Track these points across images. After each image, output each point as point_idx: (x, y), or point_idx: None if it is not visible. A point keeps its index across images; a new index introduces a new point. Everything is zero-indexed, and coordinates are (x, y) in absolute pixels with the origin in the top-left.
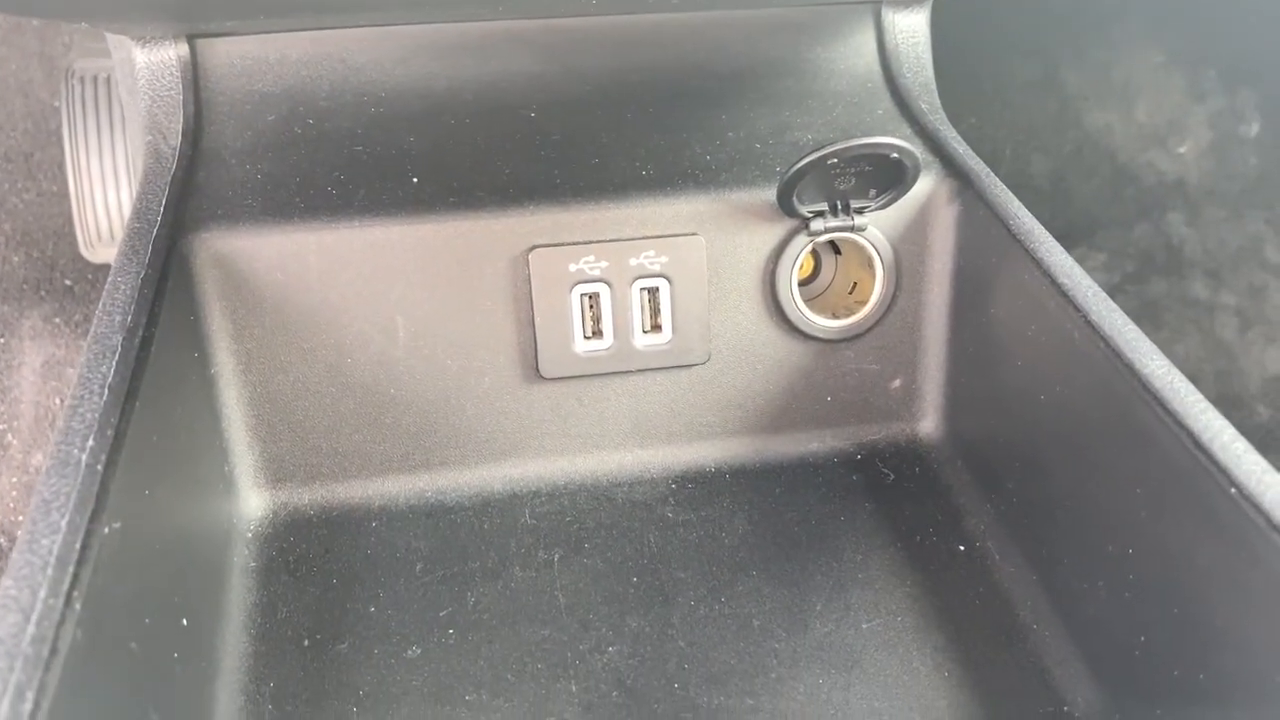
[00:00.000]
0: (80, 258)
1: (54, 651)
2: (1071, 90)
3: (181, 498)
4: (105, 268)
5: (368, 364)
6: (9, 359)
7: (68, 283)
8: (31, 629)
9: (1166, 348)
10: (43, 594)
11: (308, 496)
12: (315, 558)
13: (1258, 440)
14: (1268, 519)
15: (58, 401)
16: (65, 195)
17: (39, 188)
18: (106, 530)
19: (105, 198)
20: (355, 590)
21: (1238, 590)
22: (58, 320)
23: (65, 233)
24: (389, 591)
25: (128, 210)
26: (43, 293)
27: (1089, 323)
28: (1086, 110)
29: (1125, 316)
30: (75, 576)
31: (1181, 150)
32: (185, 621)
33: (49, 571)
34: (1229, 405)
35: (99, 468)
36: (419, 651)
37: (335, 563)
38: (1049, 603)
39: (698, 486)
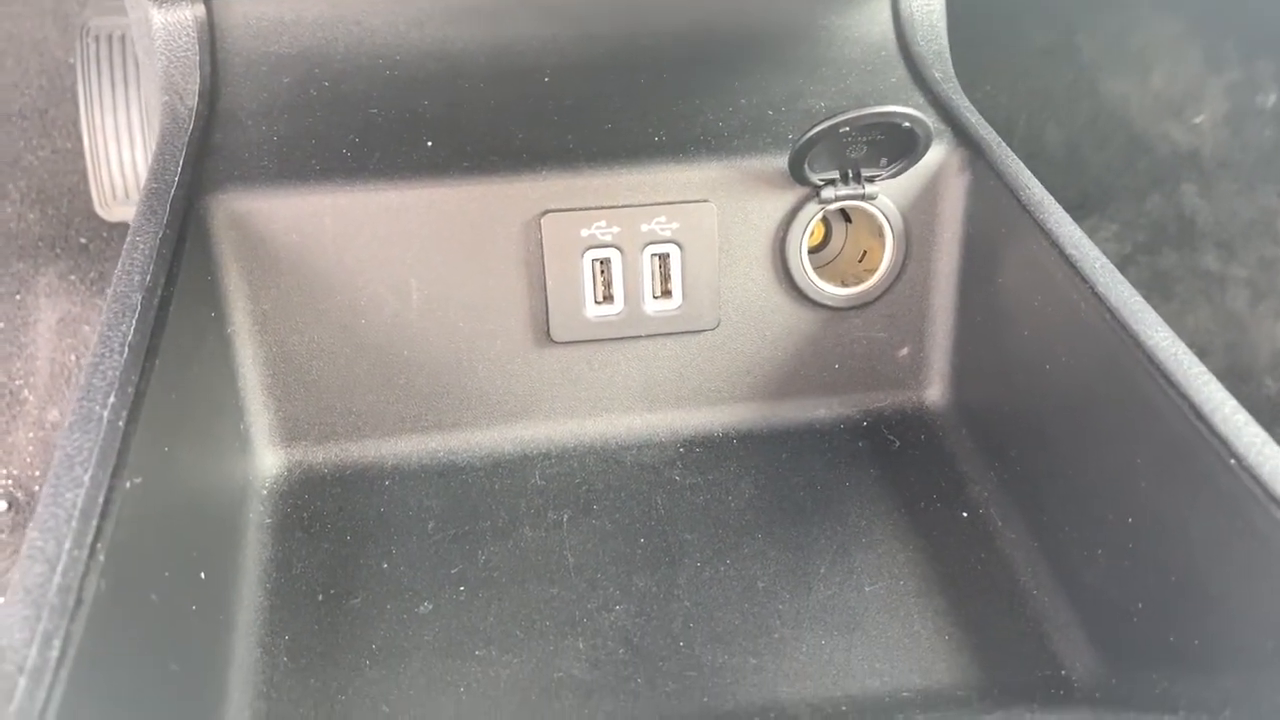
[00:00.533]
0: (95, 215)
1: (79, 602)
2: (1087, 59)
3: (199, 454)
4: (120, 226)
5: (381, 325)
6: (25, 315)
7: (83, 240)
8: (57, 579)
9: (1177, 319)
10: (67, 545)
11: (322, 455)
12: (329, 515)
13: (1266, 413)
14: (1266, 490)
15: (73, 358)
16: (80, 153)
17: (53, 145)
18: (128, 485)
19: (120, 156)
20: (368, 547)
21: (1234, 560)
22: (73, 277)
23: (80, 190)
24: (401, 548)
25: (142, 169)
26: (58, 250)
27: (1095, 294)
28: (1102, 79)
29: (1131, 289)
30: (98, 530)
31: (1197, 121)
32: (203, 575)
33: (73, 524)
34: (1238, 378)
35: (120, 424)
36: (430, 607)
37: (349, 520)
38: (1049, 569)
39: (705, 450)
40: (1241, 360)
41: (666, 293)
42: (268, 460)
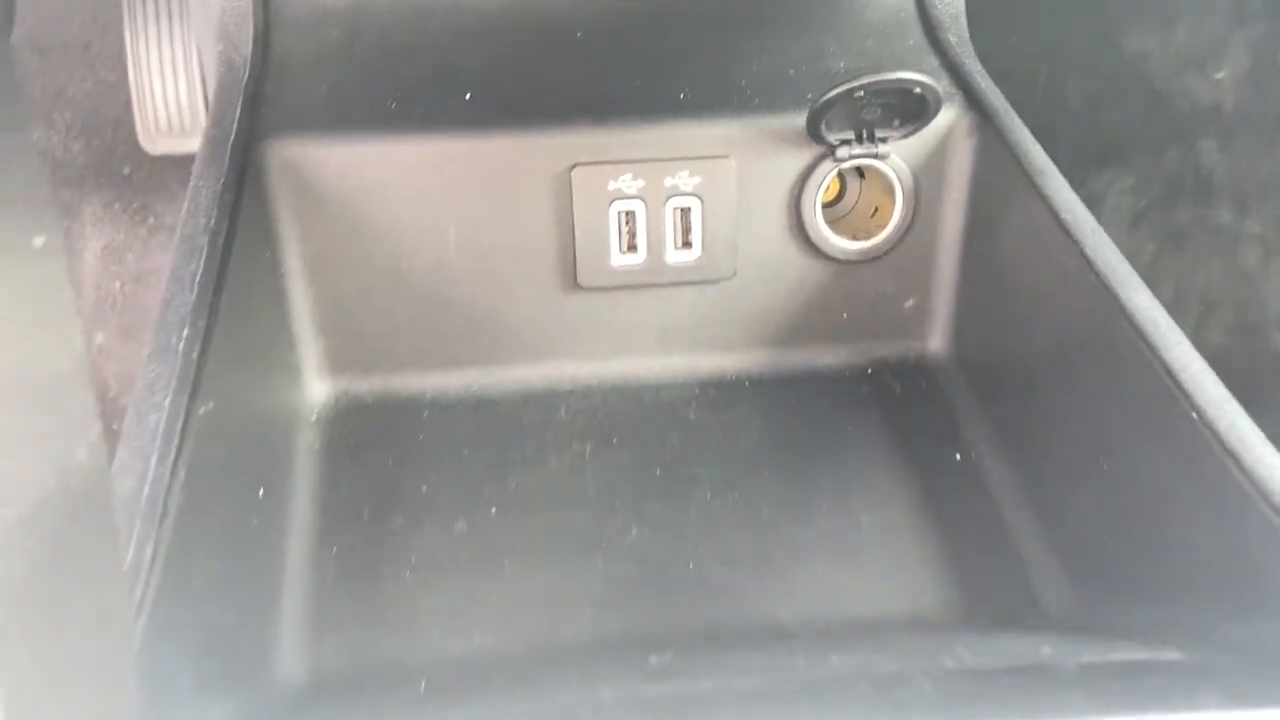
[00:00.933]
0: (138, 147)
1: (164, 513)
2: (1112, 12)
3: (257, 384)
4: (163, 159)
5: (422, 268)
6: (71, 243)
7: (126, 171)
8: (146, 491)
9: (1189, 275)
10: (153, 462)
11: (366, 386)
12: (372, 441)
13: (1272, 367)
14: (1222, 443)
15: (117, 285)
16: (123, 86)
17: (98, 77)
18: (201, 410)
19: (164, 90)
20: (409, 471)
21: (1193, 504)
22: (116, 206)
23: (123, 121)
24: (438, 473)
25: (185, 103)
26: (102, 180)
27: (1084, 256)
28: (1125, 33)
29: (1118, 253)
30: (178, 449)
31: (1219, 76)
32: (261, 492)
33: (156, 444)
34: (1248, 332)
35: (193, 355)
36: (464, 527)
37: (391, 446)
38: (1033, 509)
39: (719, 392)
40: (1250, 316)
41: (687, 244)
42: (317, 390)
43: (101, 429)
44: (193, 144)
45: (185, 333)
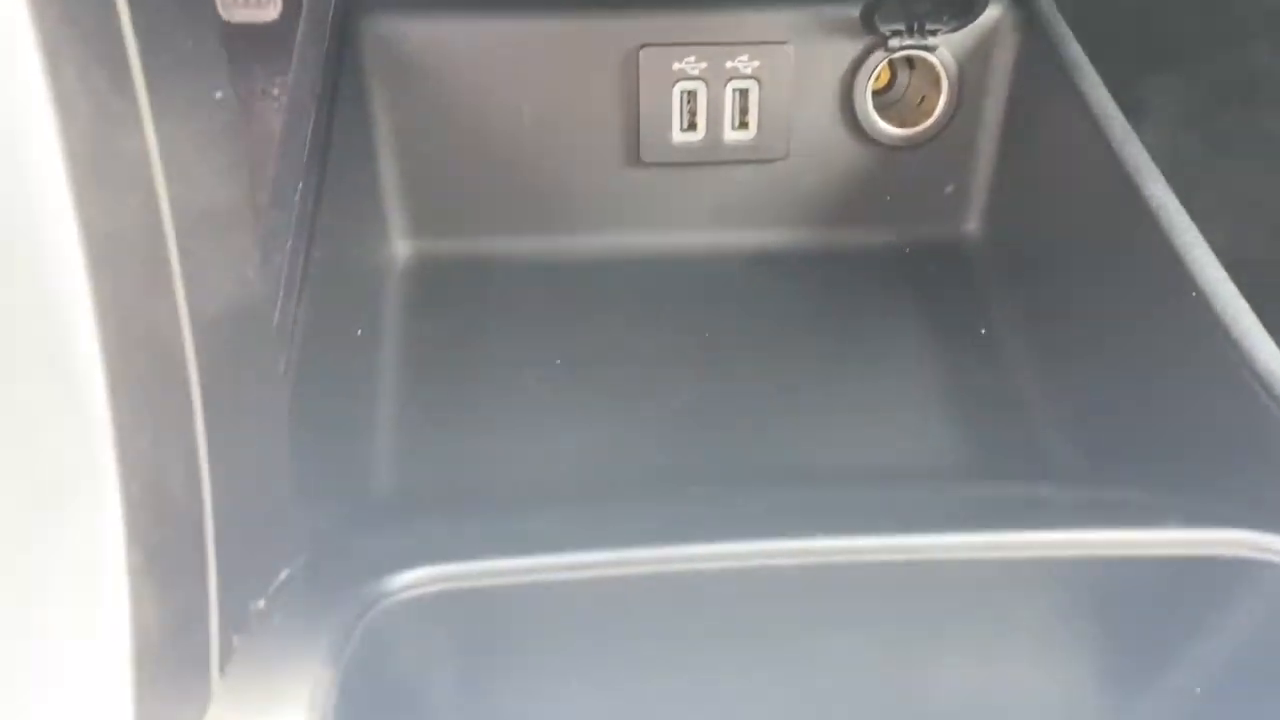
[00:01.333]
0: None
1: (291, 339)
2: None
3: (355, 238)
4: (237, 26)
5: (498, 140)
6: None
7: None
8: (276, 315)
9: (1229, 179)
10: (280, 296)
11: (446, 247)
12: (451, 298)
13: None
14: (1216, 318)
15: None
16: None
17: None
18: (315, 255)
19: None
20: (482, 325)
21: (1188, 375)
22: None
23: None
24: (509, 328)
25: None
26: None
27: (1109, 148)
28: None
29: (1142, 148)
30: (300, 290)
31: None
32: (359, 332)
33: (281, 281)
34: None
35: (309, 206)
36: (531, 380)
37: (467, 303)
38: (1047, 382)
39: (766, 265)
40: None
41: (744, 124)
42: (401, 249)
43: (258, 257)
44: (267, 14)
45: (300, 185)
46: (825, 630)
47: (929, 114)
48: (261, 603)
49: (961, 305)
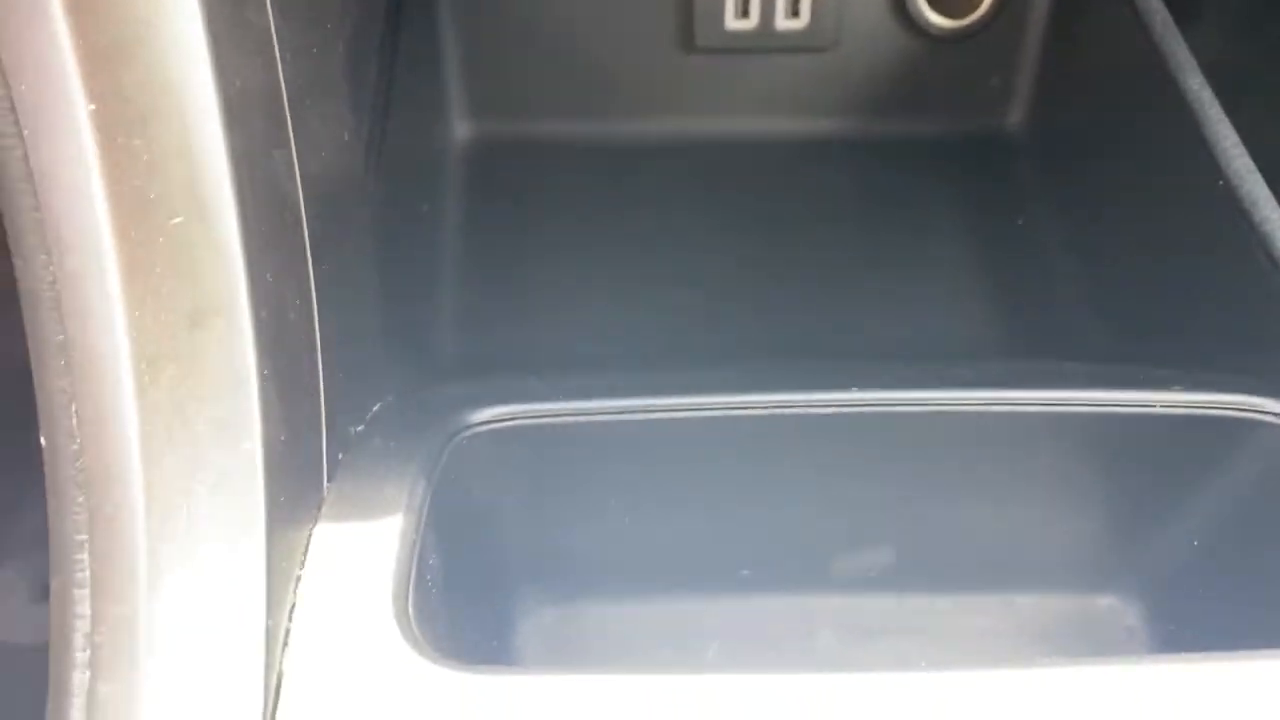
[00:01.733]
0: None
1: (371, 197)
2: None
3: (422, 116)
4: None
5: (556, 24)
6: None
7: None
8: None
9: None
10: (362, 164)
11: (503, 129)
12: (508, 179)
13: None
14: (1240, 205)
15: None
16: None
17: None
18: (388, 129)
19: None
20: (538, 205)
21: (1212, 263)
22: None
23: None
24: (563, 209)
25: None
26: None
27: (1150, 40)
28: None
29: (1183, 44)
30: (380, 152)
31: None
32: (425, 208)
33: (363, 149)
34: None
35: (384, 83)
36: (586, 255)
37: (524, 184)
38: (1080, 265)
39: (813, 152)
40: None
41: (795, 13)
42: (461, 130)
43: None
44: None
45: (375, 62)
46: (854, 474)
47: (977, 6)
48: (360, 428)
49: (1000, 196)
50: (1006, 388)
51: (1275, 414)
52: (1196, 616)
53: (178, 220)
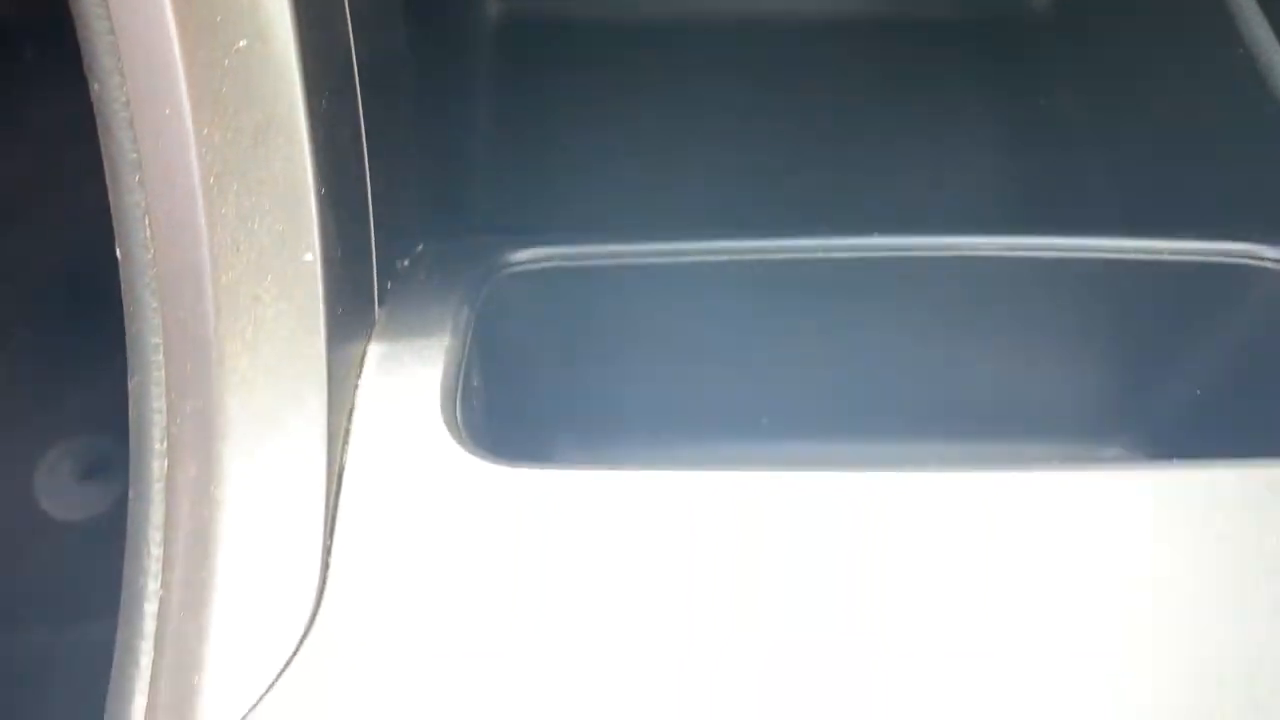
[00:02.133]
0: None
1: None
2: None
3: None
4: None
5: None
6: None
7: None
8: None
9: None
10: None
11: (534, 7)
12: (537, 55)
13: None
14: (1259, 73)
15: None
16: None
17: None
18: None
19: None
20: (567, 80)
21: (1228, 128)
22: None
23: None
24: (593, 84)
25: None
26: None
27: None
28: None
29: None
30: (416, 29)
31: None
32: (458, 79)
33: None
34: None
35: None
36: (613, 126)
37: (553, 59)
38: (1099, 140)
39: (843, 34)
40: None
41: None
42: (491, 9)
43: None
44: None
45: None
46: (870, 322)
47: None
48: (406, 262)
49: (1024, 77)
50: (1020, 234)
51: (1276, 260)
52: None
53: (242, 44)
